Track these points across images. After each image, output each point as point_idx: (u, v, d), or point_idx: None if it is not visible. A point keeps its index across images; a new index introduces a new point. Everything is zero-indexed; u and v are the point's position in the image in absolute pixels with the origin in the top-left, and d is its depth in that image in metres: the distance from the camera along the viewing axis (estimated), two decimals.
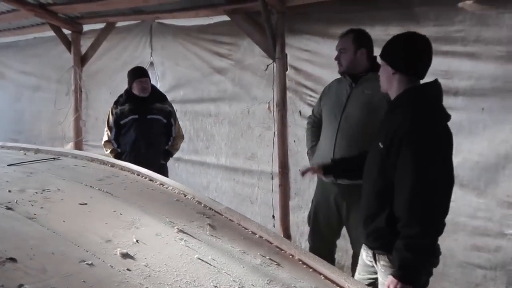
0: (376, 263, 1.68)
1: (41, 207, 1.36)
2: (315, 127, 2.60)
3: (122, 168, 2.05)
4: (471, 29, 2.42)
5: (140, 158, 2.94)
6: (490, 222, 2.40)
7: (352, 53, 2.33)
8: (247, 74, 3.47)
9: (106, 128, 3.21)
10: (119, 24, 4.17)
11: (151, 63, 4.13)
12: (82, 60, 4.37)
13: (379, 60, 2.30)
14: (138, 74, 3.14)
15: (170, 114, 3.24)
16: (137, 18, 3.99)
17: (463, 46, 2.45)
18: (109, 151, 3.16)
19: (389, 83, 1.61)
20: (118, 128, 3.16)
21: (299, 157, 3.12)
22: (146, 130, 3.10)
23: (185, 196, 1.72)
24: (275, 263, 1.26)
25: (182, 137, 3.35)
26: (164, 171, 3.13)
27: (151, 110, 3.13)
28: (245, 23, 3.27)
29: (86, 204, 1.45)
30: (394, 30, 2.66)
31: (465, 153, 2.44)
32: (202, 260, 1.16)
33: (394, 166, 1.51)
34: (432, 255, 1.53)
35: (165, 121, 3.19)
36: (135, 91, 3.11)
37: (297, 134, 3.14)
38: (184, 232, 1.34)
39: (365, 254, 1.81)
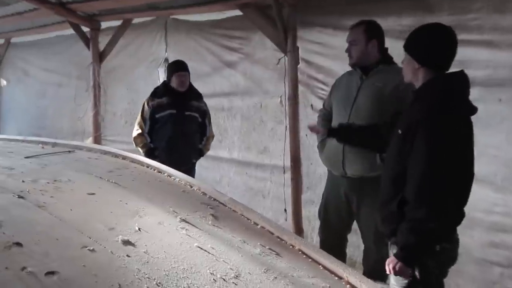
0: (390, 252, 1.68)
1: (51, 196, 1.41)
2: (325, 120, 2.57)
3: (133, 161, 2.09)
4: (488, 17, 2.34)
5: (176, 154, 2.89)
6: (508, 217, 2.32)
7: (363, 44, 2.29)
8: (259, 68, 3.47)
9: (138, 121, 3.09)
10: (135, 20, 4.24)
11: (166, 59, 4.18)
12: (100, 56, 4.48)
13: (392, 50, 2.29)
14: (179, 67, 3.04)
15: (205, 114, 3.15)
16: (152, 14, 4.05)
17: (479, 35, 2.37)
18: (141, 145, 3.04)
19: (415, 75, 1.65)
20: (153, 121, 3.03)
21: (311, 151, 3.10)
22: (183, 126, 3.00)
23: (191, 187, 1.75)
24: (274, 252, 1.27)
25: (213, 137, 3.29)
26: (193, 170, 3.11)
27: (189, 106, 3.04)
28: (257, 17, 3.27)
29: (94, 194, 1.50)
30: (407, 21, 2.61)
31: (481, 147, 2.34)
32: (201, 249, 1.18)
33: (409, 152, 1.54)
34: (436, 240, 1.53)
35: (201, 120, 3.11)
36: (174, 84, 3.01)
37: (308, 125, 3.11)
38: (187, 222, 1.36)
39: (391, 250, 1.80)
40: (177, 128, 2.99)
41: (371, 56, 2.31)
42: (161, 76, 4.33)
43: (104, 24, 4.48)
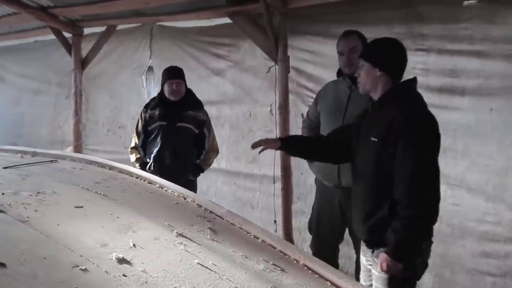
0: (374, 260, 1.68)
1: (35, 210, 1.31)
2: (311, 131, 2.54)
3: (121, 171, 1.99)
4: (478, 27, 2.37)
5: (164, 170, 2.65)
6: (499, 227, 2.33)
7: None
8: (248, 76, 3.42)
9: (134, 134, 2.94)
10: (119, 27, 4.14)
11: (150, 67, 4.09)
12: (82, 63, 4.33)
13: None
14: (171, 74, 2.81)
15: (204, 124, 2.85)
16: (137, 21, 3.96)
17: (470, 45, 2.40)
18: (134, 159, 2.86)
19: (374, 84, 1.70)
20: (146, 134, 2.84)
21: (301, 160, 3.04)
22: (172, 139, 2.75)
23: (185, 199, 1.67)
24: (279, 268, 1.20)
25: (217, 152, 2.96)
26: (192, 187, 2.75)
27: (182, 117, 2.77)
28: (247, 25, 3.23)
29: (82, 207, 1.40)
30: (398, 29, 2.63)
31: (473, 156, 2.38)
32: (202, 266, 1.11)
33: (392, 156, 1.57)
34: (427, 237, 1.60)
35: (197, 131, 2.82)
36: (166, 93, 2.79)
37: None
38: (184, 236, 1.28)
39: (364, 259, 1.81)
40: (166, 141, 2.76)
41: None
42: (146, 84, 4.24)
43: (87, 30, 4.35)
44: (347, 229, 2.44)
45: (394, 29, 2.61)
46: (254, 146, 1.93)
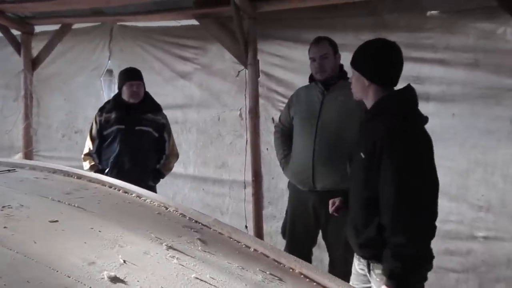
0: (370, 272, 1.64)
1: (4, 227, 1.17)
2: (284, 135, 2.56)
3: (91, 180, 1.86)
4: (441, 37, 2.51)
5: (123, 176, 2.44)
6: (461, 225, 2.48)
7: (333, 57, 2.34)
8: (217, 80, 3.37)
9: (88, 139, 2.77)
10: (76, 25, 3.90)
11: (109, 70, 3.90)
12: (33, 63, 4.01)
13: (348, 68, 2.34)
14: (129, 76, 2.71)
15: (164, 128, 2.77)
16: (96, 20, 3.75)
17: (433, 53, 2.54)
18: (88, 166, 2.70)
19: (365, 93, 1.60)
20: (101, 139, 2.71)
21: (272, 165, 3.06)
22: (132, 143, 2.64)
23: (167, 208, 1.58)
24: (277, 278, 1.17)
25: (177, 156, 2.90)
26: None
27: (141, 120, 2.68)
28: (215, 28, 3.19)
29: (57, 221, 1.28)
30: (365, 36, 2.69)
31: (438, 159, 2.46)
32: (201, 280, 1.05)
33: (377, 176, 1.48)
34: (421, 261, 1.50)
35: (157, 135, 2.73)
36: (125, 96, 2.68)
37: (270, 142, 3.07)
38: (174, 249, 1.21)
39: (357, 263, 1.78)
40: (125, 145, 2.64)
41: (336, 69, 2.36)
42: (105, 86, 4.02)
43: (38, 28, 4.04)
44: (320, 232, 2.47)
45: (361, 36, 2.69)
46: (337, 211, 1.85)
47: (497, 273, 2.42)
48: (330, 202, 1.89)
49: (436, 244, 2.51)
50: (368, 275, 1.65)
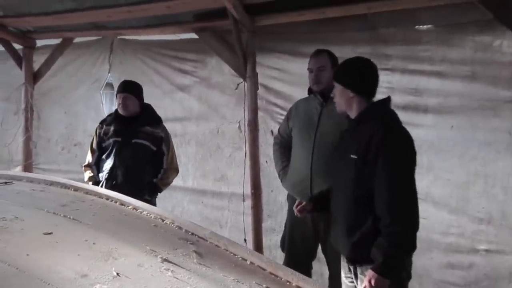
0: (357, 278, 1.69)
1: None
2: (283, 147, 2.55)
3: (88, 192, 1.85)
4: (437, 49, 2.53)
5: (117, 189, 2.39)
6: (462, 238, 2.45)
7: (330, 70, 2.35)
8: (215, 93, 3.38)
9: (89, 151, 2.79)
10: (76, 39, 3.94)
11: (110, 84, 3.92)
12: (34, 77, 4.04)
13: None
14: (121, 88, 2.70)
15: (162, 141, 2.71)
16: (97, 34, 3.79)
17: (430, 65, 2.55)
18: (87, 178, 2.71)
19: (349, 104, 1.76)
20: (100, 151, 2.71)
21: (272, 177, 3.04)
22: (127, 156, 2.61)
23: (163, 221, 1.57)
24: None
25: (176, 170, 2.82)
26: None
27: (138, 133, 2.64)
28: (214, 41, 3.22)
29: (51, 233, 1.27)
30: (363, 49, 2.74)
31: (437, 171, 2.50)
32: None
33: (372, 173, 1.61)
34: (412, 251, 1.64)
35: (154, 149, 2.68)
36: (118, 108, 2.72)
37: (269, 154, 3.06)
38: (169, 262, 1.19)
39: (344, 275, 1.79)
40: (119, 158, 2.61)
41: (333, 82, 2.37)
42: (105, 99, 4.05)
43: (40, 42, 4.09)
44: (319, 246, 2.44)
45: (359, 50, 2.71)
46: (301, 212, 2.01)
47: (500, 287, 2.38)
48: (297, 202, 2.05)
49: (438, 257, 2.52)
50: (355, 282, 1.67)
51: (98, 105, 3.97)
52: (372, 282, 1.54)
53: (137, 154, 2.63)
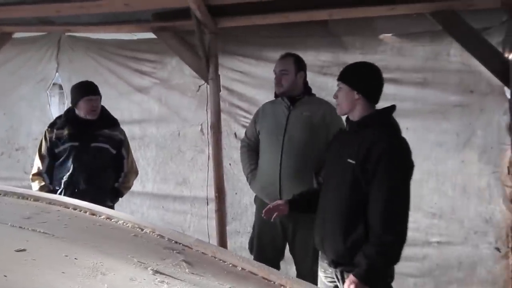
0: (342, 282, 1.69)
1: None
2: (251, 150, 2.58)
3: (51, 202, 1.71)
4: (392, 59, 2.70)
5: (78, 196, 2.26)
6: (417, 232, 2.63)
7: (293, 75, 2.40)
8: (176, 95, 3.30)
9: (36, 158, 2.57)
10: (17, 34, 3.61)
11: (59, 85, 3.66)
12: None
13: (311, 83, 2.44)
14: (88, 90, 2.54)
15: (122, 144, 2.65)
16: (43, 29, 3.51)
17: (386, 73, 2.70)
18: (38, 187, 2.50)
19: (352, 106, 1.74)
20: (52, 157, 2.54)
21: (235, 180, 3.05)
22: (87, 161, 2.50)
23: (142, 230, 1.50)
24: None
25: (136, 173, 2.77)
26: None
27: (97, 137, 2.54)
28: (174, 41, 3.14)
29: (24, 250, 1.15)
30: (325, 56, 2.84)
31: None
32: None
33: (368, 181, 1.61)
34: (395, 263, 1.66)
35: (114, 152, 2.60)
36: (82, 112, 2.52)
37: (233, 157, 3.07)
38: (161, 273, 1.14)
39: (323, 276, 1.82)
40: (79, 164, 2.49)
41: (298, 86, 2.43)
42: (53, 100, 3.76)
43: None
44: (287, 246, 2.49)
45: (321, 57, 2.81)
46: (267, 215, 1.96)
47: (450, 276, 2.60)
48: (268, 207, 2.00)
49: None
50: (339, 285, 1.70)
51: (44, 106, 3.68)
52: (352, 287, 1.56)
53: (98, 158, 2.52)
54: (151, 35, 3.22)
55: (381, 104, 2.68)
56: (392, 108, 1.76)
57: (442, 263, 2.58)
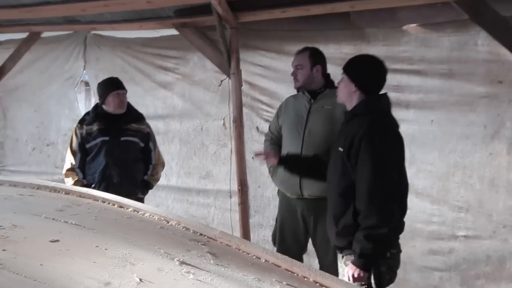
0: (343, 266, 1.78)
1: (3, 250, 1.09)
2: (273, 144, 2.59)
3: (81, 195, 1.78)
4: (416, 50, 2.64)
5: (112, 190, 2.36)
6: (443, 226, 2.58)
7: (309, 69, 2.39)
8: (198, 90, 3.34)
9: (68, 154, 2.65)
10: (46, 34, 3.74)
11: (86, 82, 3.77)
12: None
13: (334, 75, 2.43)
14: (115, 85, 2.62)
15: (149, 137, 2.73)
16: (69, 28, 3.62)
17: (410, 65, 2.66)
18: (72, 182, 2.58)
19: (349, 97, 1.83)
20: (83, 153, 2.62)
21: (258, 173, 3.07)
22: (119, 155, 2.57)
23: (168, 222, 1.54)
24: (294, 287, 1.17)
25: (163, 165, 2.86)
26: None
27: (126, 131, 2.62)
28: (195, 37, 3.17)
29: (58, 240, 1.20)
30: (346, 49, 2.80)
31: (419, 163, 2.62)
32: None
33: (354, 166, 1.68)
34: (388, 245, 1.69)
35: (143, 145, 2.69)
36: (111, 107, 2.61)
37: (255, 151, 3.08)
38: (188, 264, 1.17)
39: (338, 265, 1.86)
40: (111, 158, 2.57)
41: (316, 80, 2.41)
42: (79, 97, 3.88)
43: (3, 36, 3.85)
44: (310, 240, 2.49)
45: (343, 49, 2.77)
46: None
47: (477, 270, 2.54)
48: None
49: (421, 245, 2.65)
50: (340, 269, 1.79)
51: (72, 103, 3.81)
52: (351, 275, 1.63)
53: (129, 152, 2.61)
54: (173, 32, 3.27)
55: (406, 96, 2.67)
56: (381, 96, 1.80)
57: (469, 257, 2.53)
